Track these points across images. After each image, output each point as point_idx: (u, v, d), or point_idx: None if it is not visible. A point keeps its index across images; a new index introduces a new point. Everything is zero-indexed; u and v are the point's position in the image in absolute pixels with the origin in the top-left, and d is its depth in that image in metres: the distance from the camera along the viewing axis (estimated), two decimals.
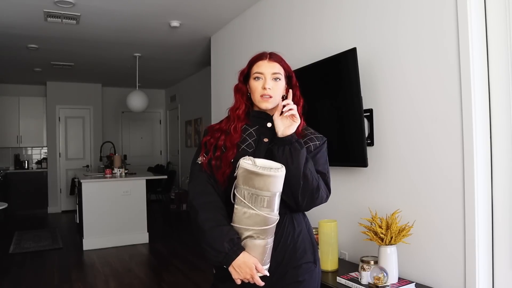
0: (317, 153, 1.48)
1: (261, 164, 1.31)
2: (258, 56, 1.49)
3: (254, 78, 1.45)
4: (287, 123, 1.38)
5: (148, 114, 9.31)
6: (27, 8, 3.78)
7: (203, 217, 1.37)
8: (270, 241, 1.33)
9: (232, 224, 1.35)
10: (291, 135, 1.38)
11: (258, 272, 1.32)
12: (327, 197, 1.46)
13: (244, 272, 1.31)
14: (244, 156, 1.39)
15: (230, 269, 1.33)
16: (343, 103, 2.50)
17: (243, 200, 1.31)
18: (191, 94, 7.82)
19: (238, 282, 1.35)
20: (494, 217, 1.85)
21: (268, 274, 1.34)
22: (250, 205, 1.30)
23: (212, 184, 1.44)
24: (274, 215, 1.31)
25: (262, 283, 1.33)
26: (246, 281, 1.34)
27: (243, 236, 1.33)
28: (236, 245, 1.32)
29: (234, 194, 1.35)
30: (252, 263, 1.31)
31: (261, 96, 1.43)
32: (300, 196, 1.37)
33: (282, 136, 1.39)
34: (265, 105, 1.45)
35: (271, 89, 1.42)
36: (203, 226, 1.36)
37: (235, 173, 1.34)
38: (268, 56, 1.47)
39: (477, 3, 1.86)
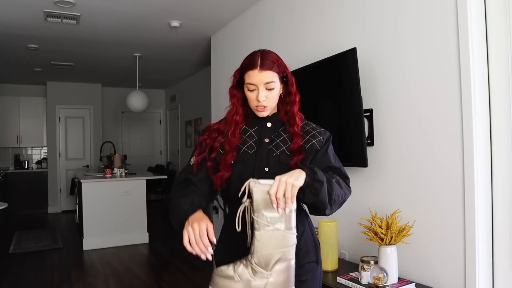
0: (326, 150, 1.46)
1: (268, 183, 1.25)
2: (248, 62, 1.40)
3: (248, 89, 1.41)
4: (294, 177, 1.23)
5: (148, 114, 9.31)
6: (27, 8, 3.78)
7: (174, 195, 1.39)
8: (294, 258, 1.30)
9: (254, 253, 1.25)
10: (305, 182, 1.26)
11: (209, 233, 1.22)
12: (350, 191, 1.46)
13: (192, 220, 1.23)
14: (244, 158, 1.39)
15: (186, 223, 1.25)
16: (343, 103, 2.50)
17: (267, 224, 1.24)
18: (191, 94, 7.82)
19: (185, 237, 1.22)
20: (494, 217, 1.85)
21: (213, 242, 1.24)
22: (277, 227, 1.25)
23: (194, 181, 1.42)
24: (294, 232, 1.29)
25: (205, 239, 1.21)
26: (191, 230, 1.20)
27: (273, 262, 1.25)
28: (197, 207, 1.29)
29: (242, 220, 1.27)
30: (205, 217, 1.25)
31: (256, 106, 1.41)
32: (329, 213, 1.37)
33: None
34: (261, 114, 1.44)
35: (265, 99, 1.39)
36: (173, 201, 1.37)
37: (245, 199, 1.26)
38: (259, 64, 1.37)
39: (477, 3, 1.86)
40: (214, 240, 1.24)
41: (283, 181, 1.20)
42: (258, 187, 1.24)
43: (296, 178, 1.23)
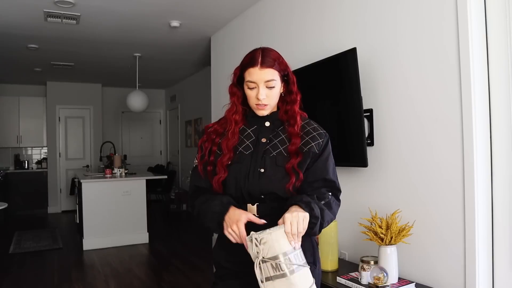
0: (326, 159, 1.43)
1: (270, 230, 1.24)
2: (249, 60, 1.38)
3: (248, 87, 1.39)
4: (298, 220, 1.23)
5: (148, 114, 9.31)
6: (27, 8, 3.78)
7: (197, 202, 1.42)
8: None
9: None
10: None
11: (253, 221, 1.28)
12: (339, 205, 1.46)
13: (230, 221, 1.28)
14: (240, 159, 1.39)
15: (224, 224, 1.30)
16: (343, 103, 2.50)
17: (295, 264, 1.21)
18: (191, 94, 7.82)
19: (230, 237, 1.28)
20: (494, 217, 1.85)
21: (264, 222, 1.28)
22: (302, 264, 1.23)
23: (206, 187, 1.45)
24: (307, 266, 1.27)
25: (244, 234, 1.26)
26: (232, 232, 1.27)
27: None
28: (227, 205, 1.32)
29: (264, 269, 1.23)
30: (239, 213, 1.29)
31: (256, 105, 1.40)
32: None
33: None
34: (261, 112, 1.42)
35: (265, 98, 1.37)
36: (199, 207, 1.40)
37: (258, 254, 1.21)
38: (259, 62, 1.35)
39: (477, 3, 1.86)
40: (262, 221, 1.29)
41: (295, 216, 1.23)
42: (273, 234, 1.20)
43: (303, 211, 1.26)
